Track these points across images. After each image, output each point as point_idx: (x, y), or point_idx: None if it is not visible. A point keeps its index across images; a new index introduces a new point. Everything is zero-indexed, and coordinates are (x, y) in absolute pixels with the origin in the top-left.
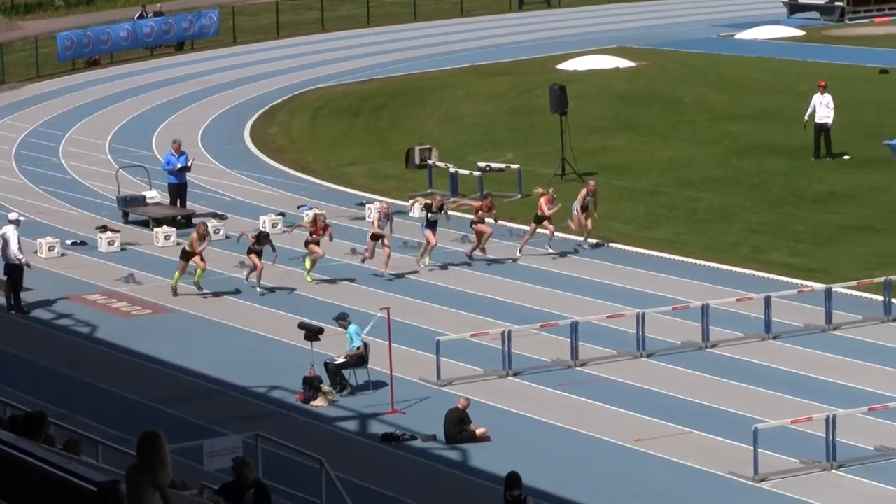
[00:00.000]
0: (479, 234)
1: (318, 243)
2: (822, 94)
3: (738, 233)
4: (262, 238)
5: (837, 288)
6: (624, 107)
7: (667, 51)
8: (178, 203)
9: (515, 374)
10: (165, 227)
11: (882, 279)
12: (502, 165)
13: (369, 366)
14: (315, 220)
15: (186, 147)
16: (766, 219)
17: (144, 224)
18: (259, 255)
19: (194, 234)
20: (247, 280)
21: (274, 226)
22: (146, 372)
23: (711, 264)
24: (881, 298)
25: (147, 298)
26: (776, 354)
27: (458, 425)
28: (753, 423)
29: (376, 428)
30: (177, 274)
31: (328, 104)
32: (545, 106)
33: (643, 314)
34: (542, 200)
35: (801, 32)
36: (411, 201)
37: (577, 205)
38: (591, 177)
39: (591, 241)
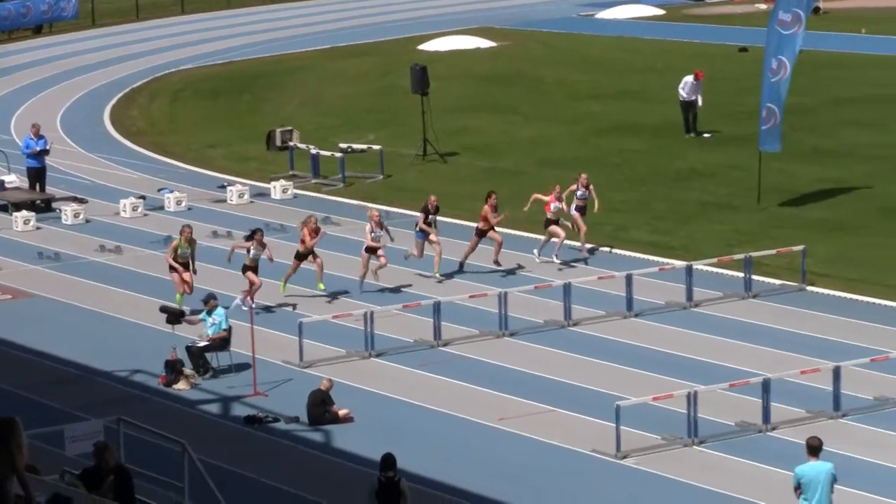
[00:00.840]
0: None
1: (309, 255)
2: (695, 79)
3: (599, 211)
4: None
5: (698, 265)
6: (485, 87)
7: (528, 31)
8: (38, 187)
9: (378, 355)
10: (24, 212)
11: (742, 256)
12: (364, 146)
13: (232, 348)
14: (306, 223)
15: (45, 131)
16: (628, 197)
17: (3, 209)
18: (256, 270)
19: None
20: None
21: (135, 209)
22: (6, 357)
23: (575, 243)
24: (741, 275)
25: (7, 283)
26: (638, 332)
27: (321, 406)
28: (615, 401)
29: (239, 410)
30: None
31: (189, 87)
32: (406, 87)
33: (505, 293)
34: (549, 197)
35: (660, 11)
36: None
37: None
38: (452, 157)
39: (588, 246)
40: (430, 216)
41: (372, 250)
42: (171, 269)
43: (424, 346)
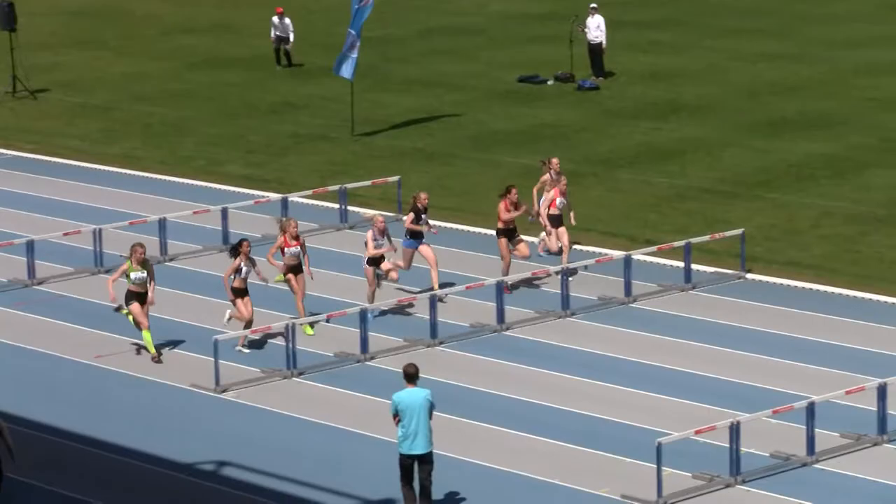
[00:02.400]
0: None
1: (295, 270)
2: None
3: (193, 146)
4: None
5: (293, 197)
6: (76, 22)
7: None
8: None
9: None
10: None
11: (337, 187)
12: None
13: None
14: (284, 228)
15: None
16: (222, 131)
17: None
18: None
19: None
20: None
21: None
22: None
23: (168, 178)
24: (336, 206)
25: None
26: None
27: None
28: (213, 335)
29: None
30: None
31: None
32: None
33: (100, 230)
34: (552, 192)
35: None
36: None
37: (542, 207)
38: (43, 94)
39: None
40: (423, 217)
41: (376, 262)
42: (128, 298)
43: (18, 284)
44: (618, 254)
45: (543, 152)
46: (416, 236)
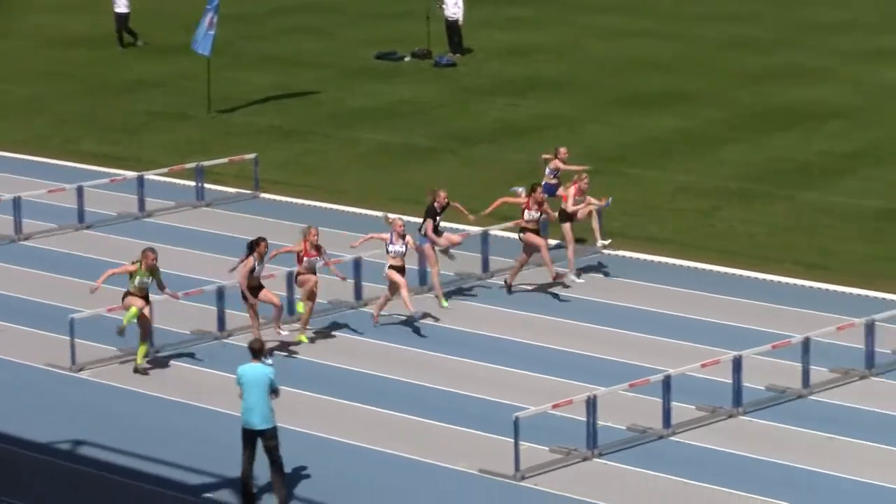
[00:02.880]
0: (529, 248)
1: (313, 271)
2: None
3: (48, 124)
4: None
5: (150, 175)
6: None
7: None
8: None
9: None
10: None
11: (194, 164)
12: None
13: None
14: (305, 234)
15: None
16: (76, 109)
17: None
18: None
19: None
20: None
21: None
22: None
23: (22, 156)
24: (193, 184)
25: None
26: (90, 243)
27: None
28: (69, 314)
29: None
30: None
31: None
32: None
33: None
34: (571, 190)
35: None
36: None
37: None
38: None
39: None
40: (439, 217)
41: (401, 270)
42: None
43: None
44: (475, 230)
45: (401, 129)
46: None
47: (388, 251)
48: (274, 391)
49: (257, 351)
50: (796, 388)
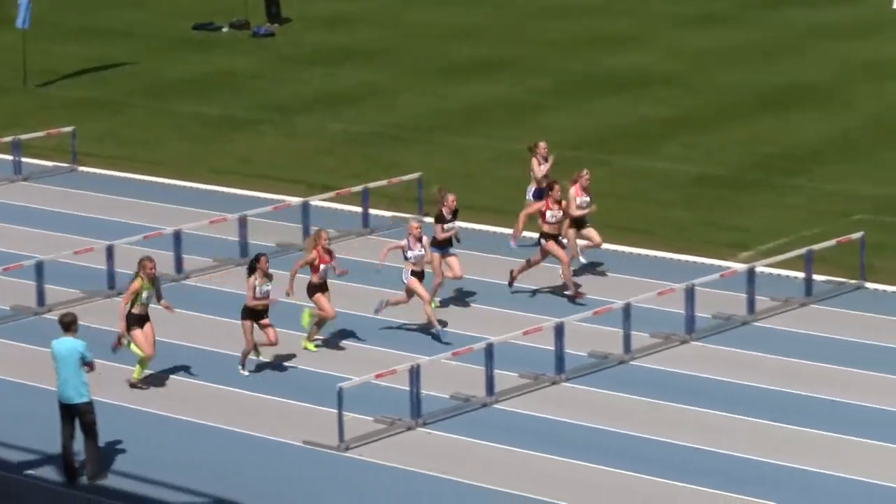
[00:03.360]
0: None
1: (323, 288)
2: None
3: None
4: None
5: None
6: None
7: None
8: None
9: None
10: None
11: (10, 139)
12: None
13: None
14: (316, 239)
15: None
16: None
17: None
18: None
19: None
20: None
21: None
22: None
23: None
24: (10, 158)
25: None
26: None
27: None
28: None
29: None
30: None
31: None
32: None
33: None
34: (572, 191)
35: None
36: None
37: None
38: None
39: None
40: (450, 222)
41: (420, 276)
42: (130, 322)
43: None
44: (296, 200)
45: (220, 100)
46: (441, 246)
47: (406, 257)
48: (87, 364)
49: (67, 325)
50: (618, 353)
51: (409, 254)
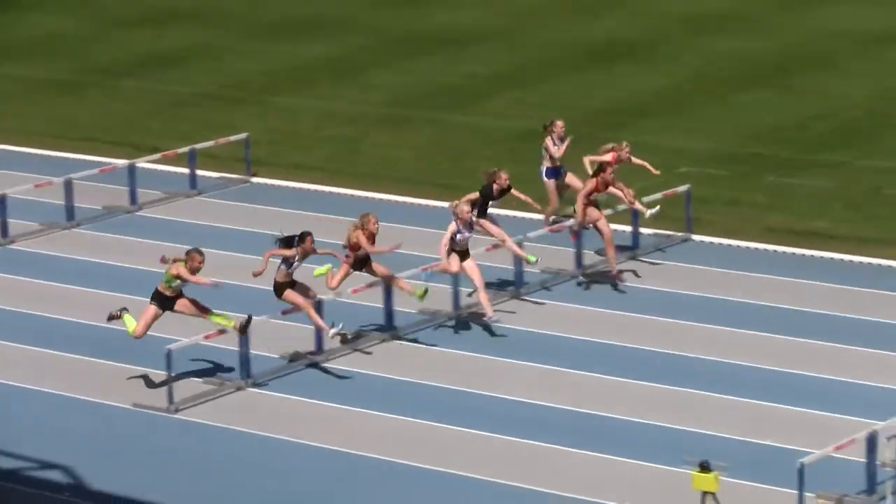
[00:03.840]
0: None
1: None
2: None
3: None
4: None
5: None
6: None
7: None
8: None
9: None
10: None
11: None
12: None
13: None
14: (363, 225)
15: None
16: None
17: None
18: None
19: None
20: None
21: None
22: None
23: None
24: None
25: None
26: None
27: None
28: None
29: None
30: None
31: None
32: None
33: None
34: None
35: None
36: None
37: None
38: None
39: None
40: (493, 203)
41: (464, 254)
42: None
43: None
44: (122, 162)
45: (43, 63)
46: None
47: (454, 239)
48: None
49: None
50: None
51: (458, 237)
